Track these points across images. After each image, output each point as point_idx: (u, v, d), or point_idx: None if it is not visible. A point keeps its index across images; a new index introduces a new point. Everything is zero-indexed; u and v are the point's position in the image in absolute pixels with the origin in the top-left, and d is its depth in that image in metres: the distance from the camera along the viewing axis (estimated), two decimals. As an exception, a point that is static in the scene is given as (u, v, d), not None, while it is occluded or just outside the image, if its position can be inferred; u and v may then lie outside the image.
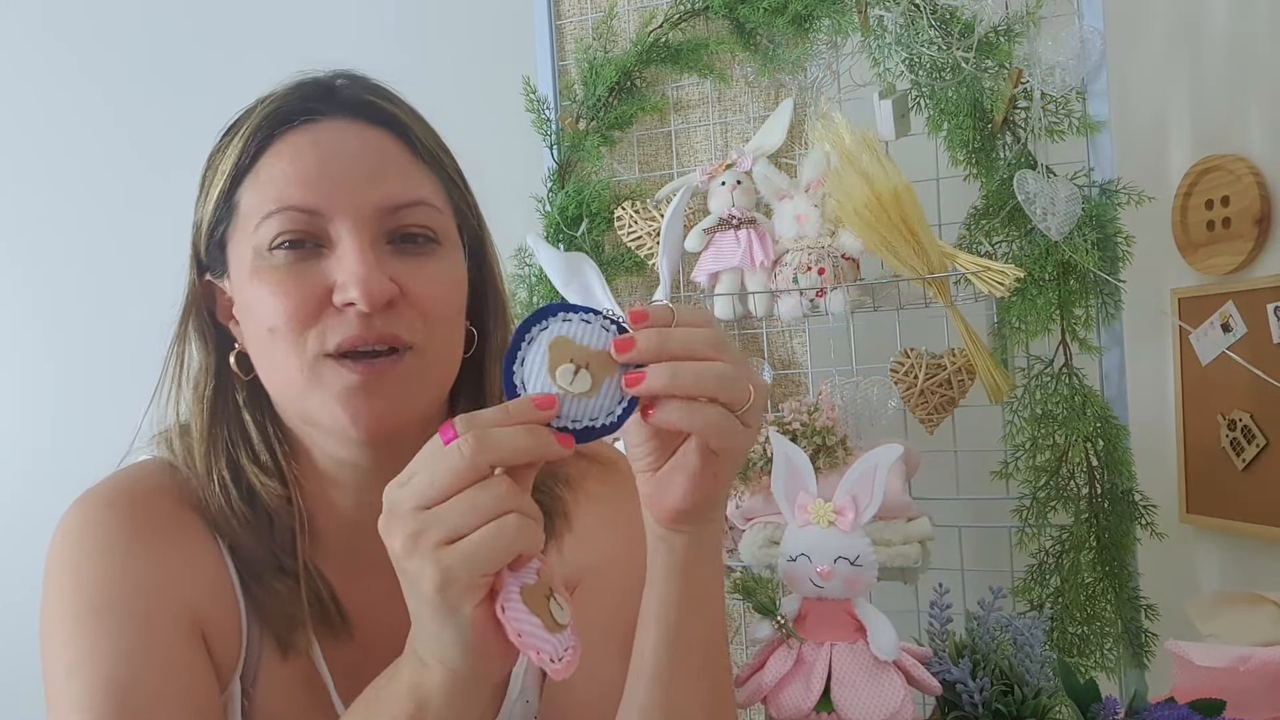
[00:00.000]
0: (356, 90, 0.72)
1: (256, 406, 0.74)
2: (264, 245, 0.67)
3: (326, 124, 0.69)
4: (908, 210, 1.22)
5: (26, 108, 2.05)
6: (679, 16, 1.47)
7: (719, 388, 0.55)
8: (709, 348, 0.55)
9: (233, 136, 0.71)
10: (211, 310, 0.75)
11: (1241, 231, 1.37)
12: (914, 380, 1.30)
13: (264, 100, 0.71)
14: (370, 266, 0.65)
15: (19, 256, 2.07)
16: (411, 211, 0.69)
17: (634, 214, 1.49)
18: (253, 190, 0.69)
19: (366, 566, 0.75)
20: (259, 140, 0.69)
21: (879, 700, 0.91)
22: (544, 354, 0.55)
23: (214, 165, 0.72)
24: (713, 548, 0.65)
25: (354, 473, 0.73)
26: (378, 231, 0.68)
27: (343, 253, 0.66)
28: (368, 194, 0.67)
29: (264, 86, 0.73)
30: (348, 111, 0.70)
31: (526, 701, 0.80)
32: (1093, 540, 1.25)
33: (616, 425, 0.56)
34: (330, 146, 0.68)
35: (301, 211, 0.66)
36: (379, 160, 0.69)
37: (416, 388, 0.69)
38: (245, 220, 0.69)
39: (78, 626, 0.66)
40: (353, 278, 0.65)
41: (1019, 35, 1.25)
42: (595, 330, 0.56)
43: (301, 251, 0.67)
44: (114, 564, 0.68)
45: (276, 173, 0.68)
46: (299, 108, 0.69)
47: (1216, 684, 0.95)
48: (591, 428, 0.56)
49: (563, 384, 0.55)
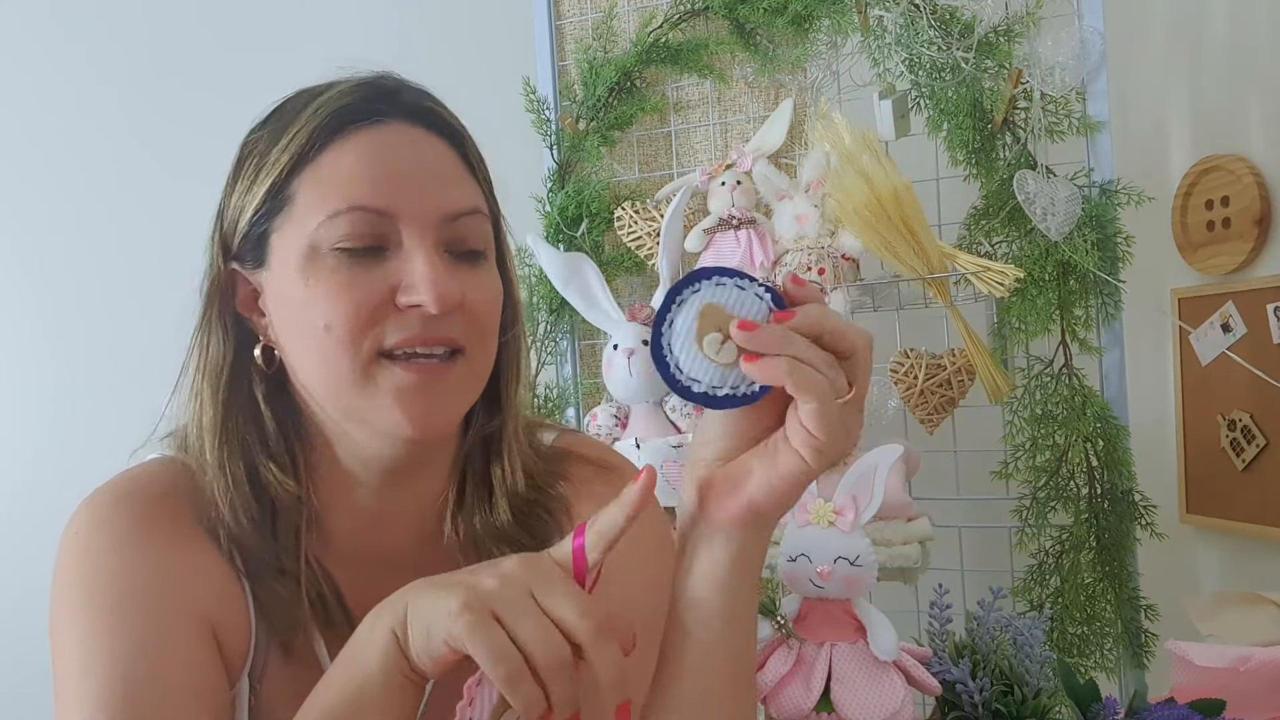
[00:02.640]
0: (417, 96, 0.72)
1: (276, 401, 0.73)
2: (326, 243, 0.67)
3: (393, 125, 0.69)
4: (908, 210, 1.22)
5: (30, 106, 2.06)
6: (679, 17, 1.48)
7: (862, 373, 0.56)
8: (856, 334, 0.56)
9: (284, 127, 0.70)
10: (232, 301, 0.74)
11: (1241, 231, 1.37)
12: (914, 380, 1.30)
13: (318, 94, 0.70)
14: (440, 271, 0.66)
15: (20, 256, 2.08)
16: (469, 220, 0.70)
17: (634, 214, 1.49)
18: (313, 185, 0.68)
19: (374, 565, 0.75)
20: (323, 135, 0.68)
21: (879, 700, 0.91)
22: (693, 320, 0.55)
23: (258, 153, 0.71)
24: (761, 556, 0.64)
25: (379, 473, 0.73)
26: (438, 238, 0.68)
27: (411, 255, 0.66)
28: (433, 199, 0.68)
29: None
30: (410, 116, 0.70)
31: None
32: (1093, 540, 1.25)
33: (758, 395, 0.56)
34: (397, 149, 0.68)
35: (370, 211, 0.66)
36: (442, 166, 0.70)
37: (466, 390, 0.70)
38: (302, 214, 0.68)
39: (89, 625, 0.66)
40: (424, 281, 0.65)
41: (1019, 35, 1.25)
42: (749, 299, 0.56)
43: (365, 252, 0.67)
44: (124, 562, 0.68)
45: (343, 170, 0.67)
46: (363, 108, 0.69)
47: (1216, 684, 0.95)
48: (733, 395, 0.56)
49: (709, 353, 0.55)
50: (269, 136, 0.71)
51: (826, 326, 0.56)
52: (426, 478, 0.76)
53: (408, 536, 0.77)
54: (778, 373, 0.54)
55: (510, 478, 0.76)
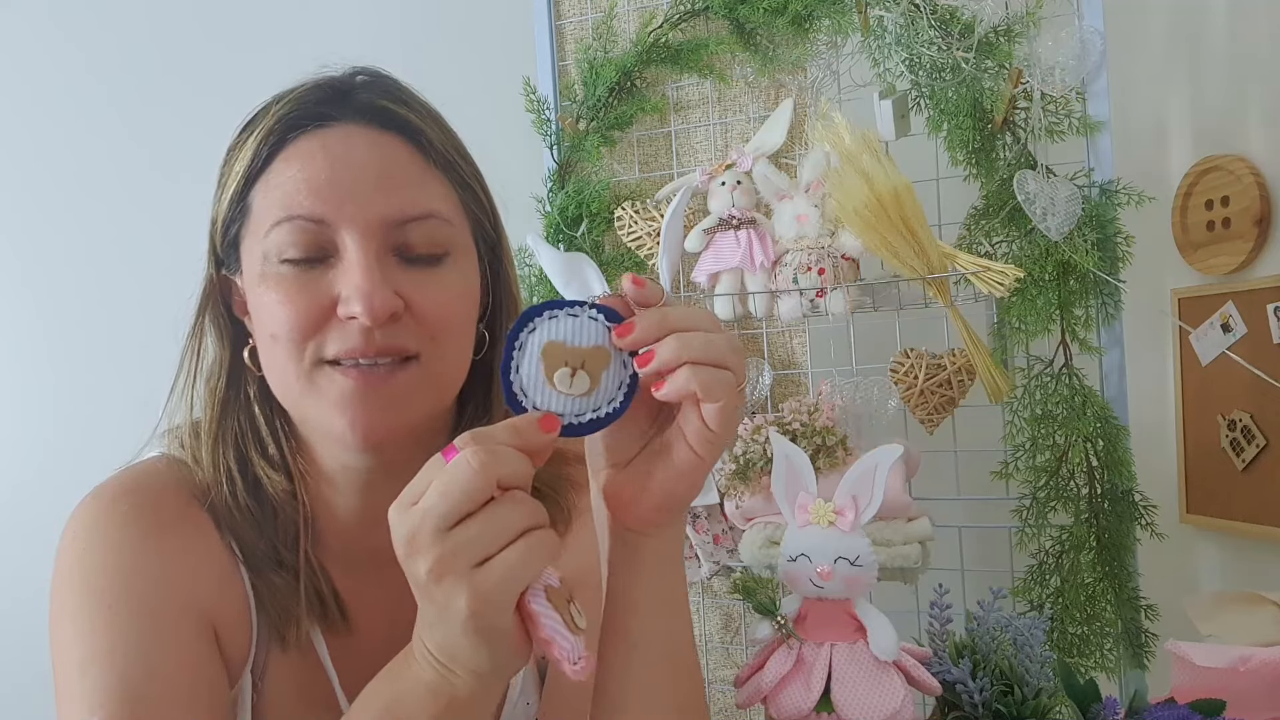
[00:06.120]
0: (371, 94, 0.71)
1: (267, 401, 0.74)
2: (273, 253, 0.67)
3: (338, 129, 0.68)
4: (908, 210, 1.22)
5: (30, 107, 2.06)
6: (679, 17, 1.47)
7: (727, 351, 0.56)
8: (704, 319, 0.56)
9: (248, 136, 0.70)
10: (228, 304, 0.75)
11: (1241, 232, 1.37)
12: (914, 380, 1.30)
13: (279, 100, 0.71)
14: (375, 281, 0.65)
15: (21, 256, 2.08)
16: (419, 225, 0.68)
17: (634, 214, 1.49)
18: (263, 194, 0.68)
19: (364, 563, 0.75)
20: (271, 143, 0.69)
21: (879, 700, 0.91)
22: (537, 361, 0.55)
23: (229, 163, 0.72)
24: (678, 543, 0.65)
25: (353, 476, 0.74)
26: (385, 243, 0.67)
27: (348, 265, 0.66)
28: (376, 205, 0.67)
29: (264, 86, 0.73)
30: (360, 116, 0.69)
31: (527, 703, 0.80)
32: (1093, 540, 1.25)
33: (621, 411, 0.57)
34: (340, 153, 0.67)
35: (309, 221, 0.66)
36: (389, 169, 0.68)
37: (417, 397, 0.69)
38: (256, 223, 0.69)
39: (89, 623, 0.67)
40: (356, 292, 0.64)
41: (1019, 35, 1.25)
42: (584, 324, 0.56)
43: (308, 262, 0.67)
44: (124, 560, 0.69)
45: (286, 179, 0.67)
46: (311, 111, 0.69)
47: (1216, 684, 0.95)
48: (597, 419, 0.56)
49: (562, 388, 0.55)
50: (236, 144, 0.71)
51: (670, 324, 0.56)
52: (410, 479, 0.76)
53: None
54: (686, 386, 0.55)
55: None
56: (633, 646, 0.65)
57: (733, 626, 1.55)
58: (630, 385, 0.56)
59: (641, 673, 0.65)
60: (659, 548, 0.63)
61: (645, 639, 0.65)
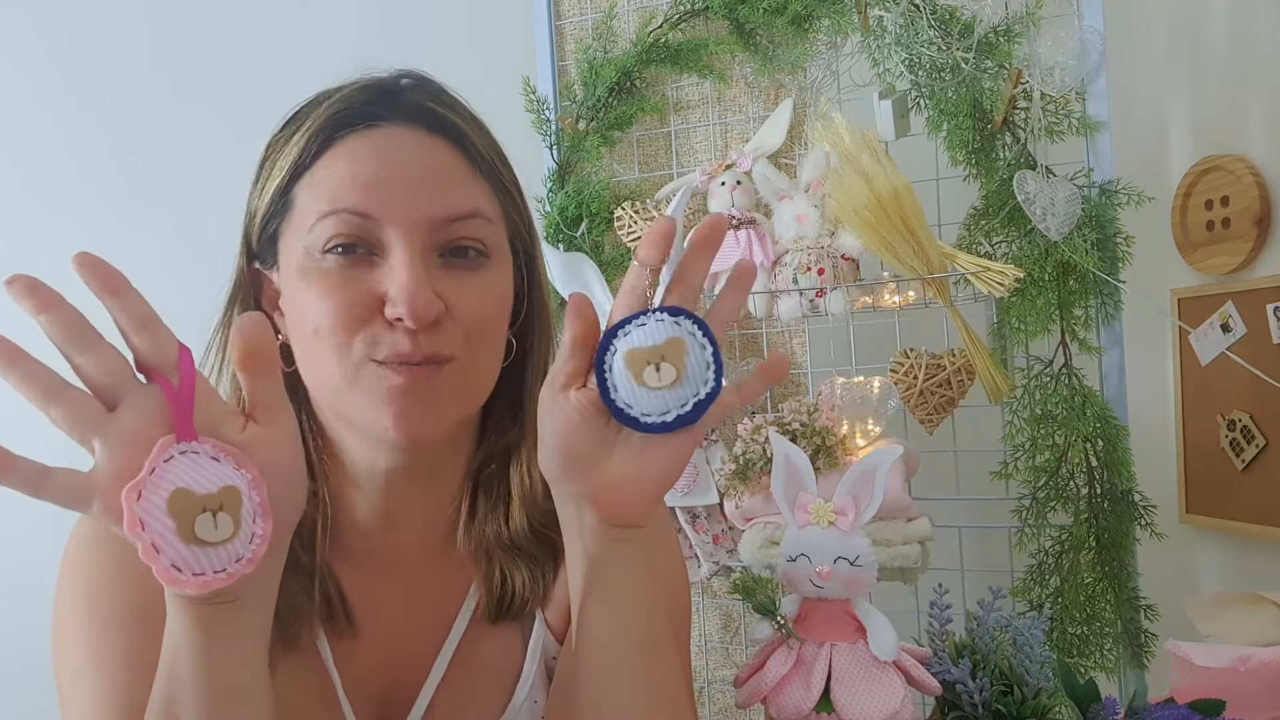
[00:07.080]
0: (418, 96, 0.72)
1: (293, 398, 0.74)
2: (316, 246, 0.67)
3: (387, 129, 0.69)
4: (907, 210, 1.22)
5: (30, 107, 2.05)
6: (679, 17, 1.48)
7: None
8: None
9: (293, 132, 0.71)
10: (258, 299, 0.75)
11: (1241, 232, 1.37)
12: (914, 380, 1.30)
13: (327, 98, 0.71)
14: (420, 282, 0.65)
15: (21, 256, 2.07)
16: (464, 224, 0.69)
17: (634, 214, 1.49)
18: (309, 189, 0.69)
19: (375, 566, 0.75)
20: (320, 140, 0.69)
21: (879, 700, 0.91)
22: (625, 372, 0.59)
23: (272, 158, 0.72)
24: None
25: (379, 477, 0.74)
26: (429, 243, 0.68)
27: (394, 263, 0.66)
28: (422, 203, 0.67)
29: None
30: (408, 118, 0.70)
31: (534, 702, 0.80)
32: (1092, 540, 1.25)
33: (718, 386, 0.59)
34: (389, 153, 0.68)
35: (355, 215, 0.66)
36: (436, 170, 0.69)
37: (454, 398, 0.70)
38: (299, 218, 0.69)
39: (87, 634, 0.67)
40: (402, 293, 0.65)
41: (1019, 35, 1.25)
42: (650, 328, 0.59)
43: (353, 256, 0.67)
44: (124, 571, 0.69)
45: (334, 174, 0.68)
46: (361, 111, 0.69)
47: (1216, 684, 0.95)
48: (699, 400, 0.59)
49: (652, 384, 0.59)
50: (280, 139, 0.72)
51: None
52: (435, 483, 0.76)
53: (415, 541, 0.77)
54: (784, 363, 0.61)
55: (531, 487, 0.77)
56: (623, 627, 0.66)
57: (732, 626, 1.55)
58: (715, 362, 0.59)
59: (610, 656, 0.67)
60: (648, 535, 0.65)
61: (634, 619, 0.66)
